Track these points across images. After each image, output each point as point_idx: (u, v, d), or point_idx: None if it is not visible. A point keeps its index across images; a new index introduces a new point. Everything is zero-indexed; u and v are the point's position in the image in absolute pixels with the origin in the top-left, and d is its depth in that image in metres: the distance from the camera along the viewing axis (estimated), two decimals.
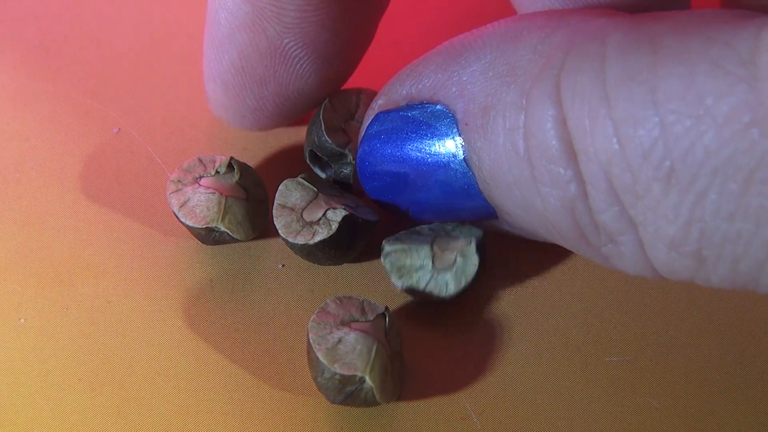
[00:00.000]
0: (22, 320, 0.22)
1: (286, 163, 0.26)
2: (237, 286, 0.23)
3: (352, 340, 0.19)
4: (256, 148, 0.26)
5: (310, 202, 0.22)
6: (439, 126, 0.20)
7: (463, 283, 0.21)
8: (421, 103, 0.20)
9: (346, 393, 0.19)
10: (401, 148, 0.20)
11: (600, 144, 0.16)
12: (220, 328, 0.22)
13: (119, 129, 0.27)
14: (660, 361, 0.21)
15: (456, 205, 0.21)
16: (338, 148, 0.22)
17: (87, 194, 0.25)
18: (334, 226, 0.22)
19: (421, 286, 0.22)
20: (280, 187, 0.23)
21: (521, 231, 0.20)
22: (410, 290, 0.22)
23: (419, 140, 0.20)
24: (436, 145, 0.20)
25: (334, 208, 0.22)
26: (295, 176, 0.23)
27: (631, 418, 0.20)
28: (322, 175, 0.23)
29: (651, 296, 0.23)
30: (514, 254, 0.24)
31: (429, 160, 0.20)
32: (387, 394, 0.20)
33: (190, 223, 0.22)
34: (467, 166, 0.19)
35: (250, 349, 0.21)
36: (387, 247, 0.22)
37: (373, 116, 0.21)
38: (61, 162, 0.25)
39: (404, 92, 0.21)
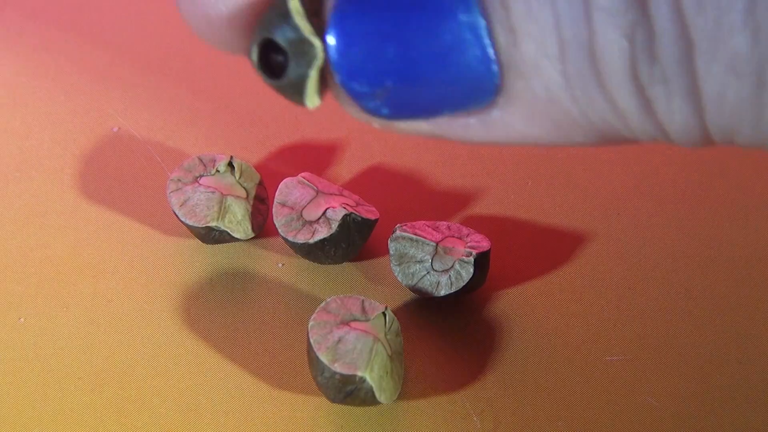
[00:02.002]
0: (22, 319, 0.22)
1: (286, 163, 0.26)
2: (237, 285, 0.23)
3: (352, 339, 0.19)
4: (256, 148, 0.26)
5: (310, 201, 0.22)
6: None
7: (453, 289, 0.21)
8: None
9: (346, 392, 0.19)
10: (384, 8, 0.17)
11: None
12: (220, 328, 0.22)
13: (119, 128, 0.27)
14: (660, 361, 0.21)
15: (454, 75, 0.17)
16: (308, 35, 0.17)
17: (86, 193, 0.25)
18: (334, 225, 0.22)
19: (416, 279, 0.22)
20: (280, 186, 0.23)
21: (528, 108, 0.17)
22: (405, 279, 0.22)
23: None
24: None
25: (334, 207, 0.22)
26: (295, 176, 0.23)
27: (631, 417, 0.20)
28: (271, 82, 0.17)
29: (651, 296, 0.23)
30: (514, 255, 0.24)
31: (427, 16, 0.17)
32: (387, 393, 0.20)
33: (190, 222, 0.22)
34: (482, 14, 0.16)
35: (250, 348, 0.21)
36: (398, 232, 0.22)
37: None
38: (60, 161, 0.25)
39: None
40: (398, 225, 0.22)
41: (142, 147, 0.26)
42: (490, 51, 0.16)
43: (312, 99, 0.17)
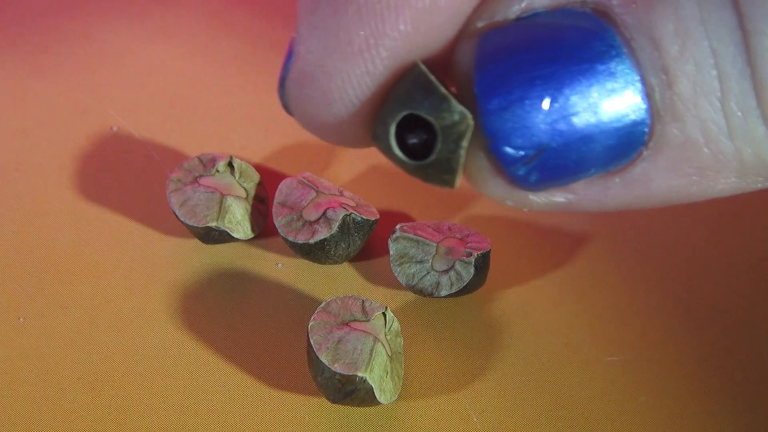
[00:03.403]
0: (22, 319, 0.22)
1: (286, 163, 0.26)
2: (237, 285, 0.23)
3: (352, 339, 0.19)
4: (255, 148, 0.26)
5: (310, 201, 0.22)
6: (582, 21, 0.16)
7: (453, 289, 0.21)
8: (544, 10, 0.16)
9: (345, 392, 0.19)
10: (535, 62, 0.16)
11: None
12: (220, 328, 0.22)
13: (118, 127, 0.26)
14: (660, 361, 0.21)
15: (605, 126, 0.16)
16: (456, 105, 0.15)
17: (86, 193, 0.25)
18: (334, 225, 0.22)
19: (416, 279, 0.22)
20: (280, 186, 0.23)
21: (676, 155, 0.16)
22: (405, 279, 0.22)
23: (555, 48, 0.16)
24: (582, 47, 0.16)
25: (334, 208, 0.22)
26: (295, 176, 0.23)
27: (631, 417, 0.20)
28: (415, 164, 0.16)
29: (651, 296, 0.23)
30: (514, 255, 0.24)
31: (576, 66, 0.16)
32: (387, 394, 0.20)
33: (190, 222, 0.22)
34: (630, 57, 0.15)
35: (250, 349, 0.21)
36: (398, 232, 0.22)
37: (477, 39, 0.16)
38: (60, 160, 0.25)
39: (516, 6, 0.16)
40: (399, 225, 0.22)
41: (142, 147, 0.26)
42: (640, 96, 0.15)
43: (460, 176, 0.15)
